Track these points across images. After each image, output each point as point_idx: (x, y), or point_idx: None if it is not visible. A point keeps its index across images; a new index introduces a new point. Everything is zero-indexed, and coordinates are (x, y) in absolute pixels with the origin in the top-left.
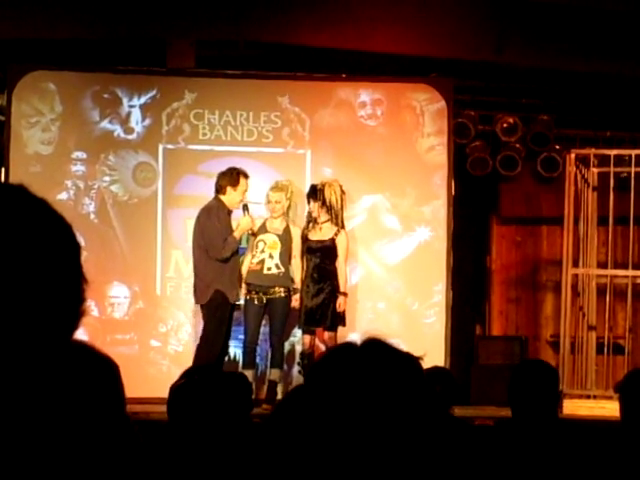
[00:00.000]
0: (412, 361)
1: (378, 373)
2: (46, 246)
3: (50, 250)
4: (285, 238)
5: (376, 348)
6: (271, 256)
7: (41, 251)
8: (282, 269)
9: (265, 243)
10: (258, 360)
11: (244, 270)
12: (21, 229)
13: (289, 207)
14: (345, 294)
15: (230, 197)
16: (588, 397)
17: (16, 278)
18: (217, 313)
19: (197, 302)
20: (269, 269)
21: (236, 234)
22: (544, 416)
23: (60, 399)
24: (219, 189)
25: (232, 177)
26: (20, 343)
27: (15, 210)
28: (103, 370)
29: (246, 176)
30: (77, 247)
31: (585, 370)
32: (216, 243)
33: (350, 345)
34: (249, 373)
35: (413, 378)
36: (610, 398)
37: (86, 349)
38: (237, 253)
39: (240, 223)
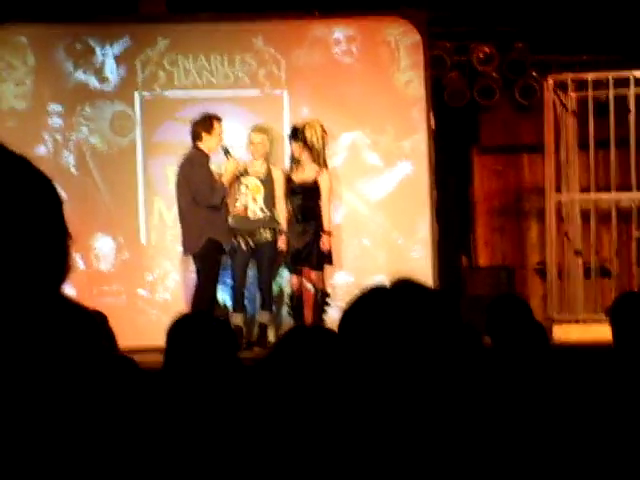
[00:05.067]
0: (445, 298)
1: (415, 312)
2: (28, 202)
3: (32, 206)
4: (267, 181)
5: (408, 289)
6: (254, 199)
7: (23, 207)
8: (267, 212)
9: (247, 187)
10: (247, 304)
11: (229, 214)
12: (2, 186)
13: (270, 150)
14: (329, 233)
15: (207, 143)
16: (577, 322)
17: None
18: (210, 261)
19: (188, 252)
20: (253, 212)
21: (224, 179)
22: (523, 345)
23: (47, 352)
24: (195, 137)
25: (205, 123)
26: (7, 297)
27: None
28: (89, 323)
29: (219, 120)
30: (59, 202)
31: (573, 295)
32: (204, 191)
33: (381, 288)
34: (238, 317)
35: (448, 314)
36: (599, 322)
37: (69, 304)
38: (226, 198)
39: (226, 167)
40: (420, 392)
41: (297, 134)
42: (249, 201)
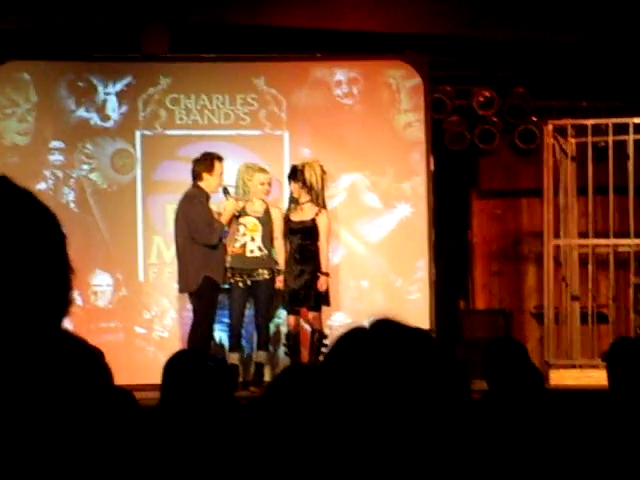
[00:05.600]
0: (426, 336)
1: (394, 352)
2: (33, 236)
3: (37, 240)
4: (266, 220)
5: (387, 328)
6: (253, 239)
7: (28, 241)
8: (265, 251)
9: (246, 226)
10: (244, 343)
11: (227, 253)
12: (7, 220)
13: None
14: (327, 274)
15: (208, 182)
16: (574, 367)
17: (4, 268)
18: (207, 299)
19: (184, 290)
20: (252, 252)
21: (223, 218)
22: (520, 389)
23: (47, 385)
24: (196, 176)
25: (206, 162)
26: (9, 331)
27: (0, 201)
28: (87, 358)
29: (220, 159)
30: (63, 237)
31: (570, 340)
32: (202, 229)
33: (360, 329)
34: (235, 356)
35: (430, 353)
36: (596, 367)
37: (71, 338)
38: (223, 237)
39: (226, 207)
40: (403, 433)
41: (296, 174)
42: (247, 240)
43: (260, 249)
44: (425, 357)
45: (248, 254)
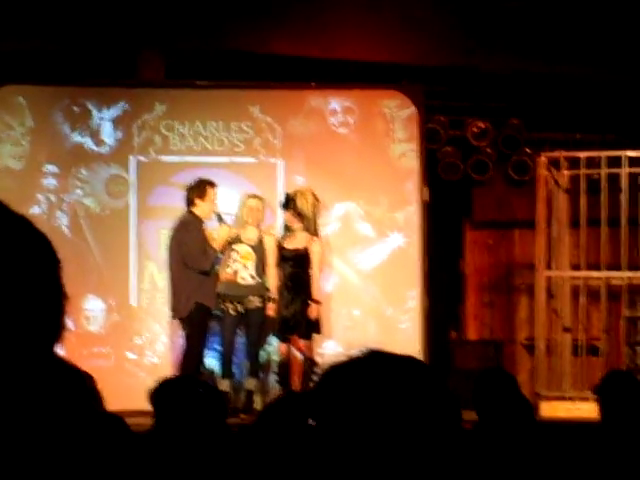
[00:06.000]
0: (420, 366)
1: (387, 382)
2: (27, 262)
3: (31, 266)
4: (259, 248)
5: (381, 358)
6: (245, 266)
7: (23, 267)
8: (257, 279)
9: (238, 253)
10: (234, 369)
11: (219, 280)
12: (2, 245)
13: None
14: (318, 302)
15: (201, 209)
16: (564, 399)
17: None
18: (198, 325)
19: (176, 316)
20: (243, 279)
21: (216, 245)
22: (510, 420)
23: (38, 411)
24: (189, 202)
25: (199, 189)
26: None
27: None
28: (79, 383)
29: (213, 185)
30: (57, 262)
31: (561, 372)
32: (195, 255)
33: (353, 358)
34: (226, 383)
35: (424, 383)
36: (586, 399)
37: (62, 363)
38: (216, 264)
39: (219, 233)
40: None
41: (289, 202)
42: (240, 267)
43: (252, 277)
44: (419, 387)
45: (240, 281)
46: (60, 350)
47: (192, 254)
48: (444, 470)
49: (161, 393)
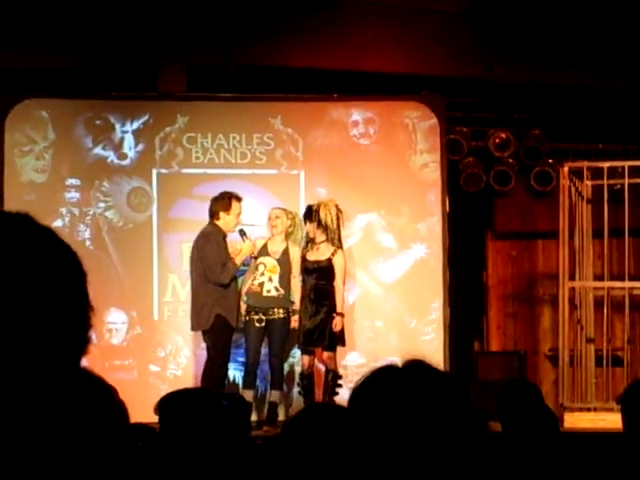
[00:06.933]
0: (455, 381)
1: (424, 394)
2: (54, 274)
3: (58, 278)
4: (284, 261)
5: (419, 370)
6: (270, 279)
7: (49, 279)
8: (281, 291)
9: (265, 266)
10: (258, 382)
11: (244, 290)
12: (29, 257)
13: (292, 232)
14: (342, 314)
15: (225, 221)
16: (588, 410)
17: (25, 306)
18: (220, 337)
19: (197, 328)
20: (268, 291)
21: (238, 260)
22: (534, 431)
23: (65, 422)
24: (213, 215)
25: (224, 202)
26: (29, 370)
27: (22, 238)
28: (101, 394)
29: (238, 199)
30: (84, 274)
31: (585, 383)
32: (215, 268)
33: (392, 367)
34: (249, 394)
35: (457, 398)
36: (610, 410)
37: (89, 376)
38: (236, 278)
39: (242, 249)
40: (426, 474)
41: (312, 214)
42: (265, 280)
43: (277, 289)
44: (456, 401)
45: (265, 293)
46: (83, 362)
47: (212, 267)
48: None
49: (166, 405)
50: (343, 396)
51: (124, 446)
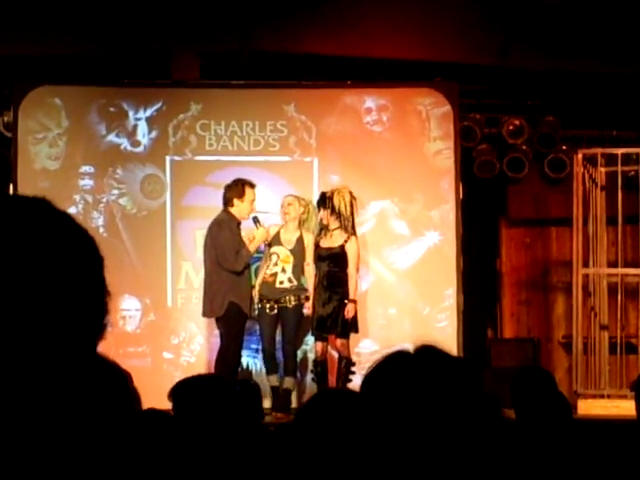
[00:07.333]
0: (468, 367)
1: (437, 379)
2: (71, 259)
3: (75, 262)
4: (298, 250)
5: (431, 355)
6: (284, 270)
7: (67, 263)
8: (294, 282)
9: (278, 256)
10: None
11: (259, 280)
12: (47, 242)
13: (306, 219)
14: (354, 301)
15: (238, 209)
16: (602, 397)
17: (43, 290)
18: (233, 325)
19: (210, 315)
20: (281, 283)
21: (251, 247)
22: (547, 418)
23: (81, 408)
24: (226, 202)
25: (237, 189)
26: (47, 354)
27: (40, 223)
28: (117, 380)
29: (252, 186)
30: (101, 260)
31: (598, 370)
32: (228, 255)
33: (405, 353)
34: (273, 378)
35: (470, 383)
36: (624, 397)
37: (104, 362)
38: (250, 265)
39: (256, 236)
40: (438, 459)
41: (325, 201)
42: (278, 271)
43: (290, 280)
44: (468, 386)
45: (278, 285)
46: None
47: (225, 254)
48: (487, 467)
49: (179, 392)
50: (356, 383)
51: (138, 431)
